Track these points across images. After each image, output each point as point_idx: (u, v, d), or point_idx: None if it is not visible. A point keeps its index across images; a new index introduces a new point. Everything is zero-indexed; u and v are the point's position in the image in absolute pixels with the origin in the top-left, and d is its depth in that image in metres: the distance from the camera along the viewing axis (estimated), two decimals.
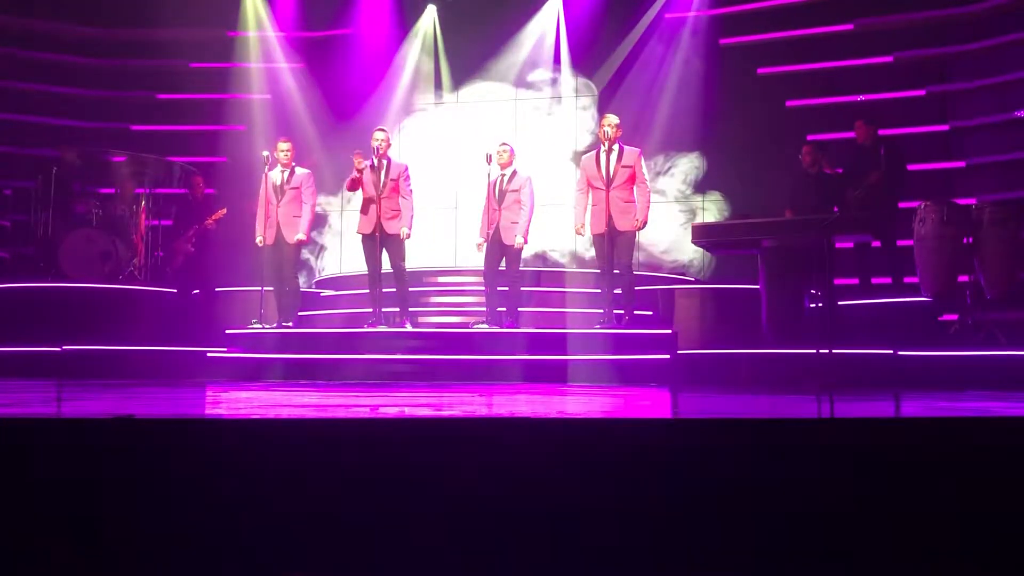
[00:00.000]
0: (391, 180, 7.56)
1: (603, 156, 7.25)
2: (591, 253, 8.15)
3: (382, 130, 7.80)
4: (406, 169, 7.71)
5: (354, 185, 7.64)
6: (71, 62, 10.82)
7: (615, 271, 7.24)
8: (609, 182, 7.18)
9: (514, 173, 7.62)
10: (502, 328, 7.30)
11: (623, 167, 7.19)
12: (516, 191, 7.55)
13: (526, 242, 7.59)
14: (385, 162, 7.60)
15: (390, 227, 7.54)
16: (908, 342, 6.32)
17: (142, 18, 10.57)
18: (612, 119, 7.31)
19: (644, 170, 7.45)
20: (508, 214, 7.52)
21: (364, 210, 7.62)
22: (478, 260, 7.85)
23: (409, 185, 7.66)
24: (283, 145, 7.93)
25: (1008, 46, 9.12)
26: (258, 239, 7.84)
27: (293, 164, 7.93)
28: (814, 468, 2.52)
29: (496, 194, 7.58)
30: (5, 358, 7.18)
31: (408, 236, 7.60)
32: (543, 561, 2.39)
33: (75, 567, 2.34)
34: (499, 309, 7.50)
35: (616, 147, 7.23)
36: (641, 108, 10.06)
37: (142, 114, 10.87)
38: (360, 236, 7.71)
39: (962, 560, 2.39)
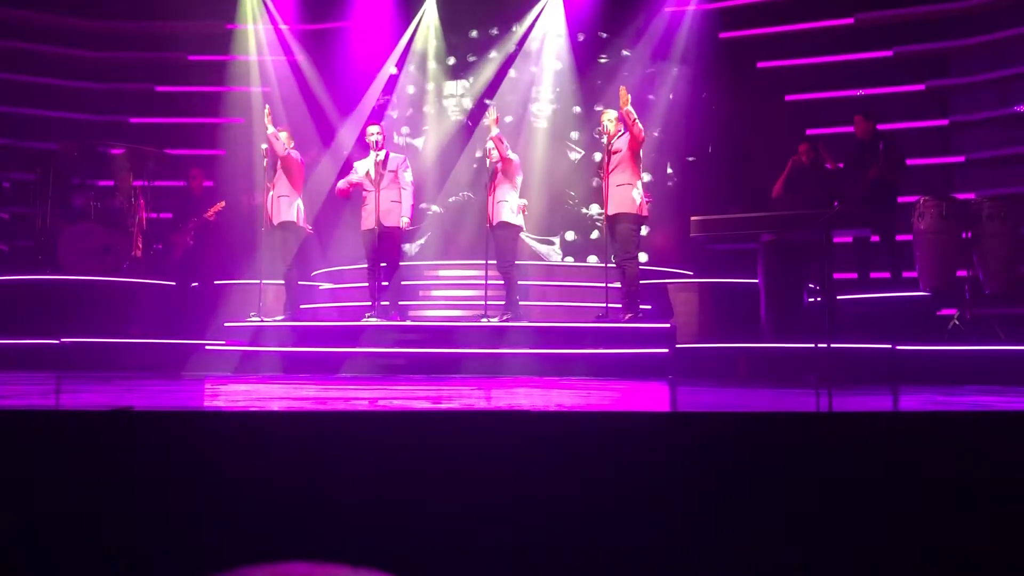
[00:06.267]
0: (390, 172, 7.56)
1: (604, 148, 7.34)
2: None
3: (375, 124, 7.83)
4: (405, 160, 7.72)
5: (343, 194, 7.67)
6: (70, 55, 10.80)
7: (611, 264, 7.25)
8: (607, 171, 7.21)
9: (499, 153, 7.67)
10: (501, 322, 7.30)
11: (614, 153, 7.21)
12: (503, 171, 7.59)
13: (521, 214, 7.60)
14: (382, 154, 7.60)
15: (389, 219, 7.53)
16: (907, 337, 6.33)
17: (141, 11, 10.57)
18: (610, 114, 7.35)
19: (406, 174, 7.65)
20: (497, 193, 7.54)
21: (363, 203, 7.63)
22: (477, 253, 7.87)
23: (409, 175, 7.65)
24: (281, 134, 7.91)
25: (1008, 41, 9.12)
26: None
27: (289, 150, 7.88)
28: (812, 462, 2.53)
29: (488, 175, 7.66)
30: (4, 350, 7.19)
31: (408, 226, 7.59)
32: (541, 555, 2.39)
33: (74, 559, 2.34)
34: (493, 303, 7.49)
35: (616, 138, 7.24)
36: (640, 101, 10.06)
37: (141, 107, 10.86)
38: (360, 228, 7.72)
39: (960, 555, 2.39)
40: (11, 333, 7.30)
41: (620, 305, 7.20)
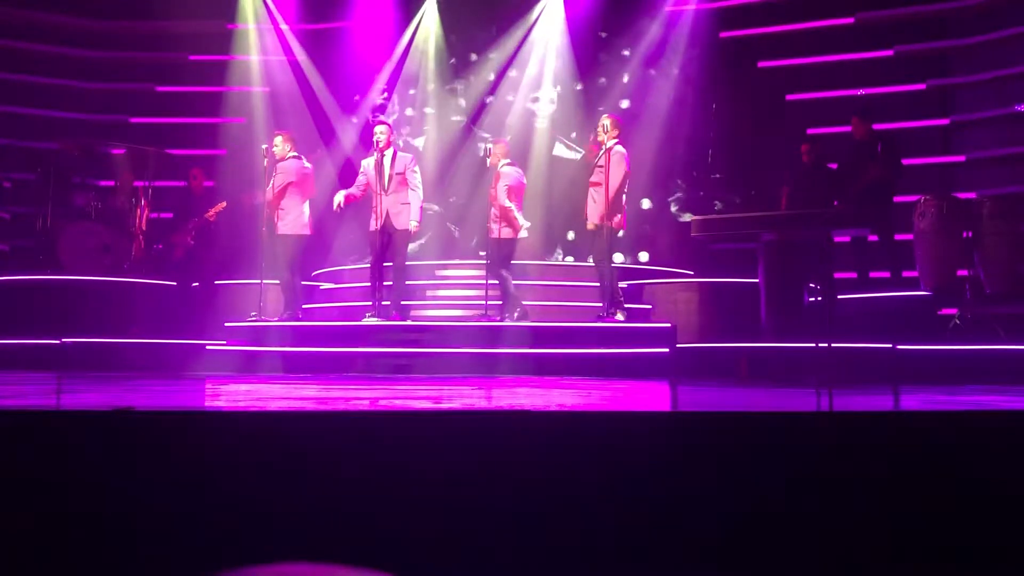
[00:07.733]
0: (397, 173, 7.46)
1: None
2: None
3: (383, 123, 7.76)
4: (413, 160, 7.64)
5: (355, 199, 7.60)
6: (71, 54, 10.80)
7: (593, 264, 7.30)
8: (595, 179, 7.24)
9: (501, 166, 7.67)
10: (505, 319, 7.30)
11: (598, 167, 7.22)
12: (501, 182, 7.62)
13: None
14: (389, 154, 7.53)
15: (398, 221, 7.42)
16: (907, 336, 6.32)
17: (141, 11, 10.55)
18: (603, 121, 7.36)
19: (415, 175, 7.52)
20: (496, 206, 7.56)
21: (371, 205, 7.47)
22: (477, 253, 7.89)
23: (418, 176, 7.57)
24: (276, 139, 7.84)
25: (1008, 40, 9.11)
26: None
27: (287, 156, 7.82)
28: (813, 462, 2.52)
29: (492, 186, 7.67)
30: (4, 350, 7.18)
31: (416, 229, 7.56)
32: (540, 553, 2.39)
33: (75, 559, 2.34)
34: (493, 303, 7.49)
35: (605, 152, 7.26)
36: (640, 102, 10.08)
37: (141, 106, 10.86)
38: (366, 228, 7.69)
39: (961, 554, 2.39)
40: (12, 333, 7.29)
41: (601, 304, 7.22)
